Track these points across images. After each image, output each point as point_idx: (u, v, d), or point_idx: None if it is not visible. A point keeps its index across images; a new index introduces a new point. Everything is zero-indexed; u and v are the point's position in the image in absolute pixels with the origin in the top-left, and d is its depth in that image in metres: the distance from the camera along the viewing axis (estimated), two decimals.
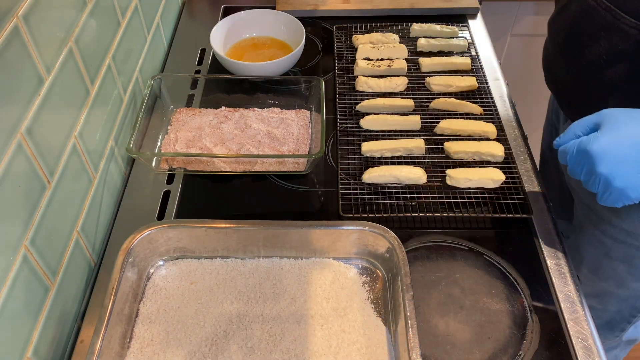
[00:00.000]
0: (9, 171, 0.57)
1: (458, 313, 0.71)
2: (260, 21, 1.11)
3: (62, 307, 0.69)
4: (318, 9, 1.20)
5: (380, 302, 0.71)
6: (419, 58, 1.06)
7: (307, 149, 0.90)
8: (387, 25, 1.15)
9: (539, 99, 1.65)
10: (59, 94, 0.67)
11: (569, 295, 0.73)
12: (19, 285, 0.59)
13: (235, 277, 0.73)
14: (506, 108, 1.00)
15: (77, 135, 0.72)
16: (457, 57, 1.05)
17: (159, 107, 0.93)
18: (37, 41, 0.61)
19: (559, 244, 0.79)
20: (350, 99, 0.99)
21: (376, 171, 0.84)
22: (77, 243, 0.73)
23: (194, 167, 0.87)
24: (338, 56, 1.09)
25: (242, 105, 0.97)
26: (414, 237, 0.79)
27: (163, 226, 0.72)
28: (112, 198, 0.85)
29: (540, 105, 1.65)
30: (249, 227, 0.72)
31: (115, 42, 0.84)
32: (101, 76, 0.79)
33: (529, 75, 1.59)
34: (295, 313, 0.69)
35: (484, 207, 0.82)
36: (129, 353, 0.66)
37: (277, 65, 0.99)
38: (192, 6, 1.26)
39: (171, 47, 1.14)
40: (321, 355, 0.66)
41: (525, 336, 0.69)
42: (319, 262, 0.75)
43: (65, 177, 0.69)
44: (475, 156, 0.87)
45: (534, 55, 1.54)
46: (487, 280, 0.74)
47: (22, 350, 0.60)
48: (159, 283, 0.73)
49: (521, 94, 1.60)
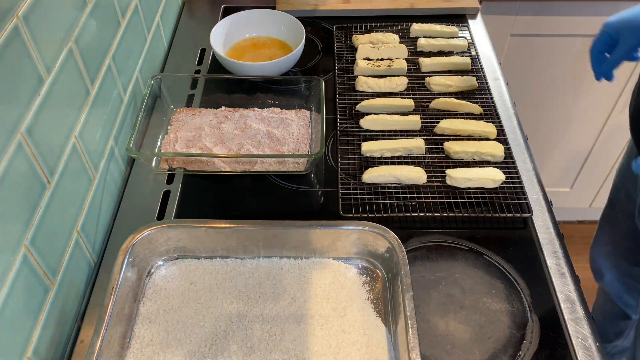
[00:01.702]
0: (9, 171, 0.57)
1: (458, 313, 0.71)
2: (260, 21, 1.11)
3: (62, 307, 0.69)
4: (318, 9, 1.20)
5: (380, 302, 0.71)
6: (419, 58, 1.06)
7: (307, 149, 0.90)
8: (387, 25, 1.15)
9: (539, 99, 1.65)
10: (59, 94, 0.67)
11: (569, 295, 0.73)
12: (19, 285, 0.59)
13: (235, 277, 0.73)
14: (506, 108, 1.00)
15: (77, 135, 0.72)
16: (457, 57, 1.05)
17: (159, 107, 0.93)
18: (37, 41, 0.61)
19: (559, 244, 0.79)
20: (350, 99, 0.99)
21: (376, 171, 0.84)
22: (77, 243, 0.73)
23: (193, 167, 0.87)
24: (338, 56, 1.09)
25: (242, 105, 0.97)
26: (414, 237, 0.79)
27: (163, 226, 0.72)
28: (112, 198, 0.85)
29: (540, 105, 1.65)
30: (249, 227, 0.72)
31: (115, 42, 0.84)
32: (101, 76, 0.79)
33: (529, 75, 1.59)
34: (295, 313, 0.70)
35: (484, 207, 0.82)
36: (129, 353, 0.66)
37: (277, 65, 0.99)
38: (192, 6, 1.26)
39: (171, 47, 1.14)
40: (321, 355, 0.66)
41: (525, 336, 0.69)
42: (319, 262, 0.75)
43: (65, 177, 0.69)
44: (475, 156, 0.87)
45: (534, 55, 1.54)
46: (487, 280, 0.74)
47: (22, 350, 0.60)
48: (159, 283, 0.73)
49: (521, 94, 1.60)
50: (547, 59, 1.55)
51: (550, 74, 1.58)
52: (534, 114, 1.68)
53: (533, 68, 1.58)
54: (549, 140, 1.73)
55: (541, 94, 1.64)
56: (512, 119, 0.98)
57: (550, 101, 1.64)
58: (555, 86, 1.60)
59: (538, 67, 1.58)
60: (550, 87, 1.61)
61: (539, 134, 1.69)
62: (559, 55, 1.53)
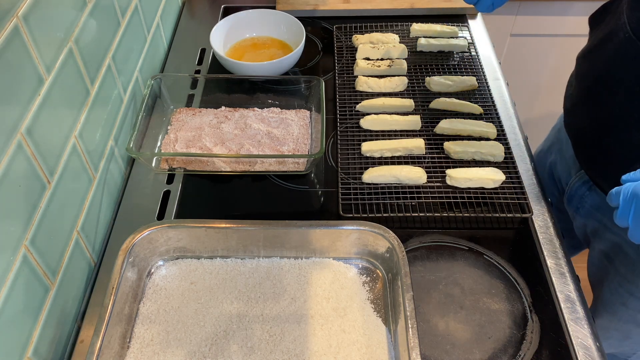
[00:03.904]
0: (9, 171, 0.57)
1: (458, 313, 0.71)
2: (260, 21, 1.11)
3: (62, 307, 0.69)
4: (318, 9, 1.20)
5: (380, 302, 0.71)
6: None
7: (307, 149, 0.90)
8: (387, 25, 1.15)
9: (539, 99, 1.65)
10: (59, 94, 0.67)
11: (569, 295, 0.73)
12: (19, 285, 0.59)
13: (235, 277, 0.73)
14: (506, 108, 1.00)
15: (77, 135, 0.72)
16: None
17: (159, 107, 0.93)
18: (37, 41, 0.61)
19: (559, 244, 0.79)
20: (350, 99, 0.99)
21: (376, 171, 0.84)
22: (77, 243, 0.73)
23: (193, 167, 0.87)
24: (338, 56, 1.09)
25: (242, 105, 0.97)
26: (414, 237, 0.79)
27: (163, 226, 0.72)
28: (112, 198, 0.85)
29: (540, 105, 1.65)
30: (249, 227, 0.72)
31: (115, 42, 0.84)
32: (101, 76, 0.79)
33: (529, 75, 1.59)
34: (295, 313, 0.69)
35: (484, 207, 0.82)
36: (129, 353, 0.66)
37: (277, 65, 0.99)
38: (192, 6, 1.26)
39: (171, 47, 1.14)
40: (321, 355, 0.66)
41: (525, 336, 0.69)
42: (319, 262, 0.75)
43: (65, 177, 0.69)
44: (475, 156, 0.87)
45: (534, 55, 1.54)
46: (487, 280, 0.74)
47: (22, 350, 0.60)
48: (159, 283, 0.73)
49: (521, 94, 1.60)
50: (547, 59, 1.56)
51: (550, 74, 1.58)
52: (534, 114, 1.68)
53: (533, 68, 1.58)
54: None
55: (541, 94, 1.64)
56: (512, 119, 0.98)
57: (550, 101, 1.64)
58: (555, 86, 1.60)
59: (538, 67, 1.58)
60: (550, 87, 1.61)
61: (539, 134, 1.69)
62: (559, 55, 1.53)
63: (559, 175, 0.98)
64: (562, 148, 0.97)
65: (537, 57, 1.55)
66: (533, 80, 1.61)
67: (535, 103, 1.66)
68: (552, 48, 1.53)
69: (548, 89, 1.62)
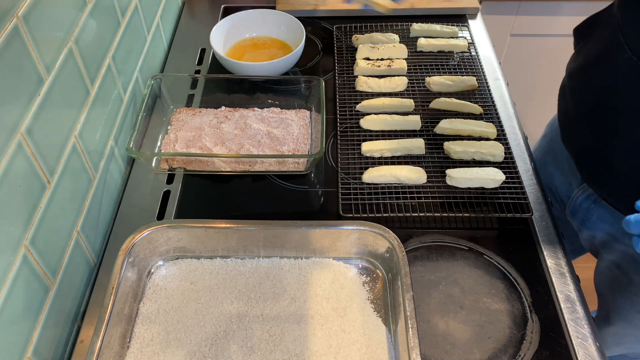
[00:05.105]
0: (9, 171, 0.57)
1: (458, 313, 0.71)
2: (260, 21, 1.11)
3: (62, 307, 0.69)
4: (318, 9, 1.20)
5: (380, 302, 0.71)
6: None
7: (307, 149, 0.90)
8: (387, 25, 1.15)
9: (539, 99, 1.65)
10: (59, 94, 0.67)
11: (569, 295, 0.73)
12: (19, 285, 0.59)
13: (235, 277, 0.73)
14: (506, 108, 1.00)
15: (77, 135, 0.72)
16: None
17: (159, 107, 0.93)
18: (37, 41, 0.61)
19: (559, 244, 0.79)
20: (350, 99, 0.99)
21: (376, 171, 0.84)
22: (77, 243, 0.73)
23: (193, 167, 0.87)
24: (338, 56, 1.09)
25: (242, 105, 0.97)
26: (414, 237, 0.79)
27: (163, 226, 0.72)
28: (112, 198, 0.85)
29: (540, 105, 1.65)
30: (249, 227, 0.72)
31: (115, 42, 0.84)
32: (101, 76, 0.79)
33: (529, 75, 1.59)
34: (295, 313, 0.69)
35: (484, 207, 0.82)
36: (128, 353, 0.66)
37: (277, 65, 0.99)
38: (192, 6, 1.26)
39: (171, 47, 1.14)
40: (321, 355, 0.66)
41: (525, 336, 0.69)
42: (319, 262, 0.75)
43: (65, 177, 0.69)
44: (475, 156, 0.87)
45: (534, 55, 1.54)
46: (487, 280, 0.74)
47: (22, 350, 0.60)
48: (159, 283, 0.73)
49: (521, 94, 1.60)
50: (547, 59, 1.56)
51: (550, 74, 1.58)
52: (534, 114, 1.68)
53: (533, 68, 1.58)
54: None
55: (541, 94, 1.64)
56: (512, 119, 0.98)
57: (550, 101, 1.64)
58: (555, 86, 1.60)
59: (538, 67, 1.58)
60: (550, 87, 1.61)
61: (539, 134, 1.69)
62: (559, 55, 1.53)
63: (556, 188, 0.97)
64: (558, 159, 0.95)
65: (537, 57, 1.55)
66: (533, 80, 1.61)
67: (535, 103, 1.66)
68: (552, 48, 1.53)
69: (548, 89, 1.62)
